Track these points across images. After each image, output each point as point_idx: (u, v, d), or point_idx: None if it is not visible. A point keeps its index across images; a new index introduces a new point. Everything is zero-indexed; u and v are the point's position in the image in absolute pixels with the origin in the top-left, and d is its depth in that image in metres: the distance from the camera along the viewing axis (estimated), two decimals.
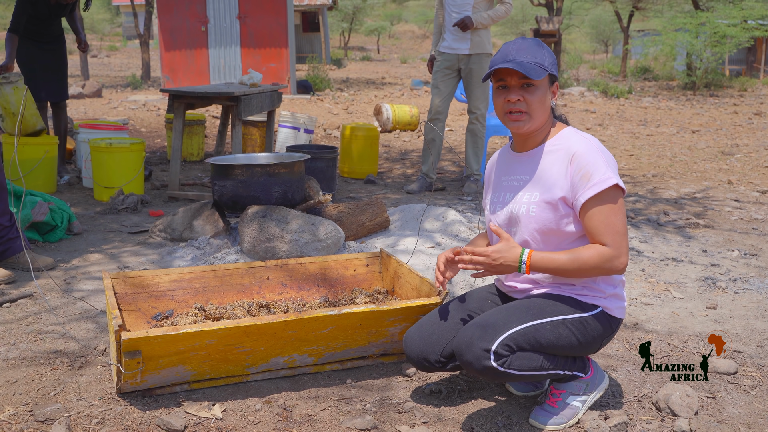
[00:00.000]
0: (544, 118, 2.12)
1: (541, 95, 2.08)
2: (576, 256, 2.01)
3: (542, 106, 2.09)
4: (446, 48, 5.49)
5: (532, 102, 2.07)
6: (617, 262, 2.00)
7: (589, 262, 2.00)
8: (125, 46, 34.40)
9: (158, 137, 8.63)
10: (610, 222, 2.00)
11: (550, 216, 2.07)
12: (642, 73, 21.56)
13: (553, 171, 2.08)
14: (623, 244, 2.00)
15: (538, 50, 2.08)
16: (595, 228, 2.01)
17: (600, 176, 1.99)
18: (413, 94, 15.10)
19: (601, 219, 2.00)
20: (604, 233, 2.00)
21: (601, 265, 2.00)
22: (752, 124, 10.78)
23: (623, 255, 2.00)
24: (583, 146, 2.05)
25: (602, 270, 2.01)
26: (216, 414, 2.17)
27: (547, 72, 2.07)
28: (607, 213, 2.00)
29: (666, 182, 6.34)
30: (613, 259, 1.99)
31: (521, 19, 31.29)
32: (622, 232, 2.01)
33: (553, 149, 2.11)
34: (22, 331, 2.77)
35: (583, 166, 2.02)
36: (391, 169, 6.85)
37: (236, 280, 2.87)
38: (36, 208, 3.87)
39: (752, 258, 3.99)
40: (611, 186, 1.99)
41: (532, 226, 2.10)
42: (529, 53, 2.06)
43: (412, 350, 2.19)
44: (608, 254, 1.99)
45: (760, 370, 2.54)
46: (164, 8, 13.59)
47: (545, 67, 2.06)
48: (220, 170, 3.89)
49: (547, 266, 2.03)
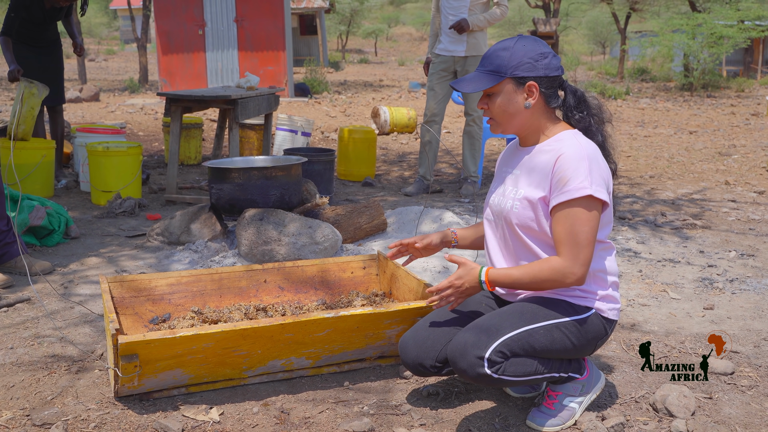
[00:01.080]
0: (515, 120, 2.10)
1: (502, 101, 2.07)
2: (529, 270, 2.01)
3: (505, 111, 2.08)
4: (442, 50, 5.50)
5: (492, 108, 2.10)
6: (570, 275, 1.96)
7: (540, 275, 2.00)
8: (123, 50, 34.42)
9: (156, 141, 8.63)
10: (572, 232, 1.95)
11: (530, 214, 2.07)
12: (639, 75, 21.59)
13: (539, 171, 2.06)
14: (581, 256, 1.95)
15: (500, 54, 2.05)
16: (556, 235, 1.99)
17: (576, 184, 1.95)
18: (411, 97, 15.11)
19: (565, 227, 1.97)
20: (563, 242, 1.97)
21: (553, 278, 1.98)
22: (749, 125, 10.79)
23: (577, 267, 1.95)
24: (572, 150, 2.00)
25: (555, 282, 1.99)
26: (213, 417, 2.17)
27: (503, 77, 2.04)
28: (572, 222, 1.96)
29: (663, 183, 6.35)
30: (565, 271, 1.96)
31: (518, 20, 31.32)
32: (584, 243, 1.95)
33: (546, 149, 2.09)
34: (19, 336, 2.77)
35: (563, 170, 1.98)
36: (388, 172, 6.86)
37: (233, 284, 2.87)
38: (33, 212, 3.87)
39: (749, 258, 3.99)
40: (584, 196, 1.94)
41: (514, 221, 2.10)
42: (489, 60, 2.07)
43: (407, 356, 2.19)
44: (560, 267, 1.96)
45: (757, 371, 2.54)
46: (161, 12, 13.59)
47: (500, 72, 2.04)
48: (217, 173, 3.89)
49: (504, 281, 2.05)
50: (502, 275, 2.05)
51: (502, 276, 2.05)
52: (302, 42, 27.87)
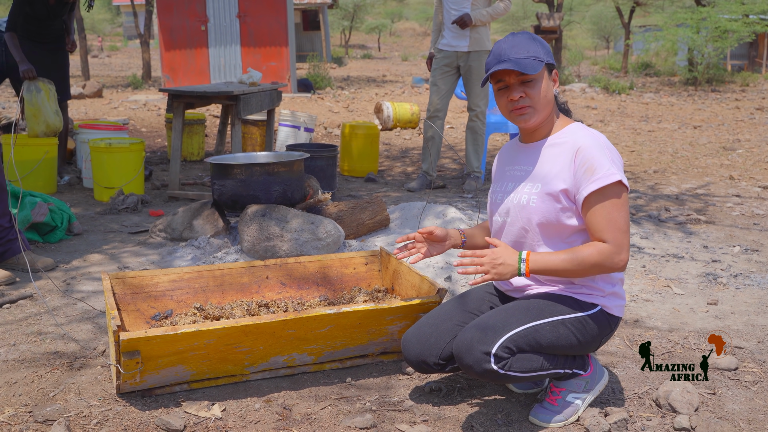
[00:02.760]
0: (549, 108, 2.11)
1: (543, 87, 2.07)
2: (575, 255, 1.99)
3: (545, 97, 2.09)
4: (445, 45, 5.48)
5: (534, 95, 2.07)
6: (617, 259, 1.98)
7: (588, 260, 1.97)
8: (126, 46, 34.43)
9: (159, 137, 8.63)
10: (612, 218, 1.98)
11: (550, 208, 2.06)
12: (643, 69, 21.53)
13: (557, 163, 2.06)
14: (624, 241, 1.98)
15: (530, 43, 2.07)
16: (596, 224, 1.99)
17: (604, 171, 1.97)
18: (414, 92, 15.09)
19: (603, 215, 1.98)
20: (605, 229, 1.98)
21: (602, 262, 1.97)
22: (754, 119, 10.75)
23: (623, 252, 1.98)
24: (589, 140, 2.03)
25: (602, 268, 1.99)
26: (215, 413, 2.16)
27: (543, 63, 2.06)
28: (609, 209, 1.98)
29: (667, 178, 6.33)
30: (614, 255, 1.97)
31: (522, 15, 31.27)
32: (624, 228, 1.98)
33: (559, 141, 2.10)
34: (21, 332, 2.77)
35: (587, 160, 2.00)
36: (391, 167, 6.85)
37: (235, 280, 2.87)
38: (36, 208, 3.87)
39: (753, 254, 3.98)
40: (614, 182, 1.97)
41: (532, 216, 2.08)
42: (522, 48, 2.05)
43: (410, 353, 2.19)
44: (608, 251, 1.97)
45: (761, 366, 2.53)
46: (164, 8, 13.59)
47: (540, 59, 2.05)
48: (219, 170, 3.89)
49: (545, 266, 2.01)
50: (543, 260, 2.00)
51: (544, 260, 2.00)
52: (305, 38, 27.84)
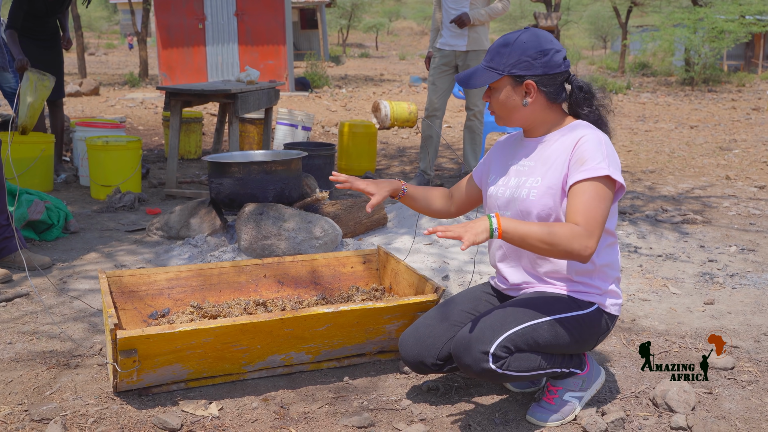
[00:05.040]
0: (517, 116, 2.12)
1: (501, 97, 2.10)
2: (545, 227, 1.92)
3: (503, 106, 2.12)
4: (444, 45, 5.48)
5: (494, 103, 2.14)
6: (585, 243, 1.89)
7: (557, 234, 1.89)
8: (123, 44, 34.37)
9: (156, 135, 8.61)
10: (589, 206, 1.94)
11: (549, 202, 2.05)
12: (640, 69, 21.57)
13: (557, 157, 2.07)
14: (596, 231, 1.92)
15: (500, 51, 2.08)
16: (573, 207, 1.95)
17: (594, 164, 1.96)
18: (412, 91, 15.09)
19: (581, 201, 1.94)
20: (580, 213, 1.93)
21: (569, 242, 1.89)
22: (750, 120, 10.77)
23: (592, 239, 1.91)
24: (591, 135, 2.03)
25: (569, 248, 1.89)
26: (213, 412, 2.16)
27: (501, 74, 2.06)
28: (589, 197, 1.94)
29: (664, 178, 6.34)
30: (582, 238, 1.89)
31: (519, 15, 31.28)
32: (599, 220, 1.93)
33: (563, 137, 2.10)
34: (17, 331, 2.76)
35: (582, 151, 2.00)
36: (389, 166, 6.85)
37: (232, 278, 2.86)
38: (32, 206, 3.86)
39: (750, 253, 3.98)
40: (602, 176, 1.95)
41: (531, 209, 2.08)
42: (490, 55, 2.10)
43: (408, 353, 2.19)
44: (578, 232, 1.90)
45: (757, 366, 2.53)
46: (161, 6, 13.56)
47: (497, 70, 2.06)
48: (217, 168, 3.88)
49: (516, 228, 1.92)
50: (513, 222, 1.93)
51: (513, 223, 1.93)
52: (303, 36, 27.83)
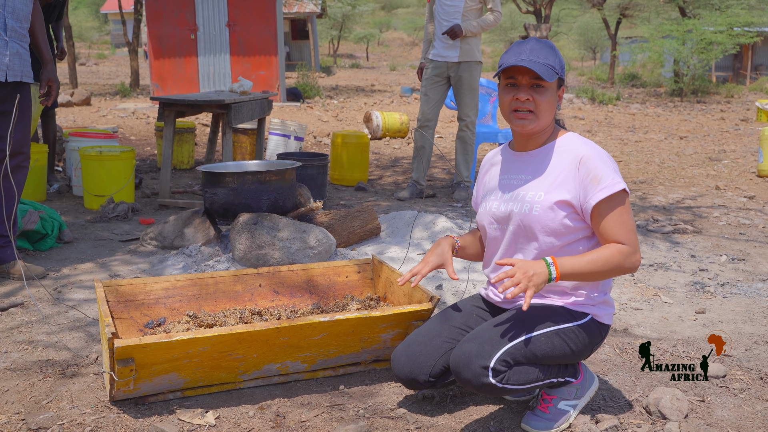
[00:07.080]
0: (549, 119, 2.14)
1: (550, 97, 2.10)
2: (598, 256, 2.01)
3: (550, 107, 2.11)
4: (436, 56, 5.52)
5: (540, 103, 2.08)
6: (635, 259, 2.03)
7: (611, 261, 2.01)
8: (114, 54, 34.33)
9: (148, 145, 8.61)
10: (623, 221, 2.03)
11: (553, 216, 2.08)
12: (630, 80, 21.73)
13: (560, 172, 2.09)
14: (637, 242, 2.05)
15: (550, 53, 2.09)
16: (611, 228, 2.03)
17: (610, 180, 2.02)
18: (403, 102, 15.14)
19: (615, 220, 2.03)
20: (620, 232, 2.03)
21: (622, 262, 2.01)
22: (739, 130, 10.87)
23: (638, 251, 2.05)
24: (590, 150, 2.08)
25: (622, 268, 2.03)
26: (209, 421, 2.17)
27: (557, 75, 2.09)
28: (620, 213, 2.03)
29: (654, 188, 6.39)
30: (631, 255, 2.03)
31: (509, 26, 31.45)
32: (635, 230, 2.06)
33: (560, 151, 2.13)
34: (13, 340, 2.76)
35: (591, 169, 2.04)
36: (381, 177, 6.87)
37: (228, 288, 2.87)
38: (26, 216, 3.86)
39: (740, 263, 4.03)
40: (620, 190, 2.03)
41: (535, 225, 2.09)
42: (542, 54, 2.07)
43: (400, 371, 2.18)
44: (627, 251, 2.02)
45: (749, 374, 2.56)
46: (153, 16, 13.57)
47: (556, 70, 2.08)
48: (210, 178, 3.90)
49: (572, 269, 2.00)
50: (569, 263, 1.99)
51: (569, 264, 1.99)
52: (294, 47, 27.89)
